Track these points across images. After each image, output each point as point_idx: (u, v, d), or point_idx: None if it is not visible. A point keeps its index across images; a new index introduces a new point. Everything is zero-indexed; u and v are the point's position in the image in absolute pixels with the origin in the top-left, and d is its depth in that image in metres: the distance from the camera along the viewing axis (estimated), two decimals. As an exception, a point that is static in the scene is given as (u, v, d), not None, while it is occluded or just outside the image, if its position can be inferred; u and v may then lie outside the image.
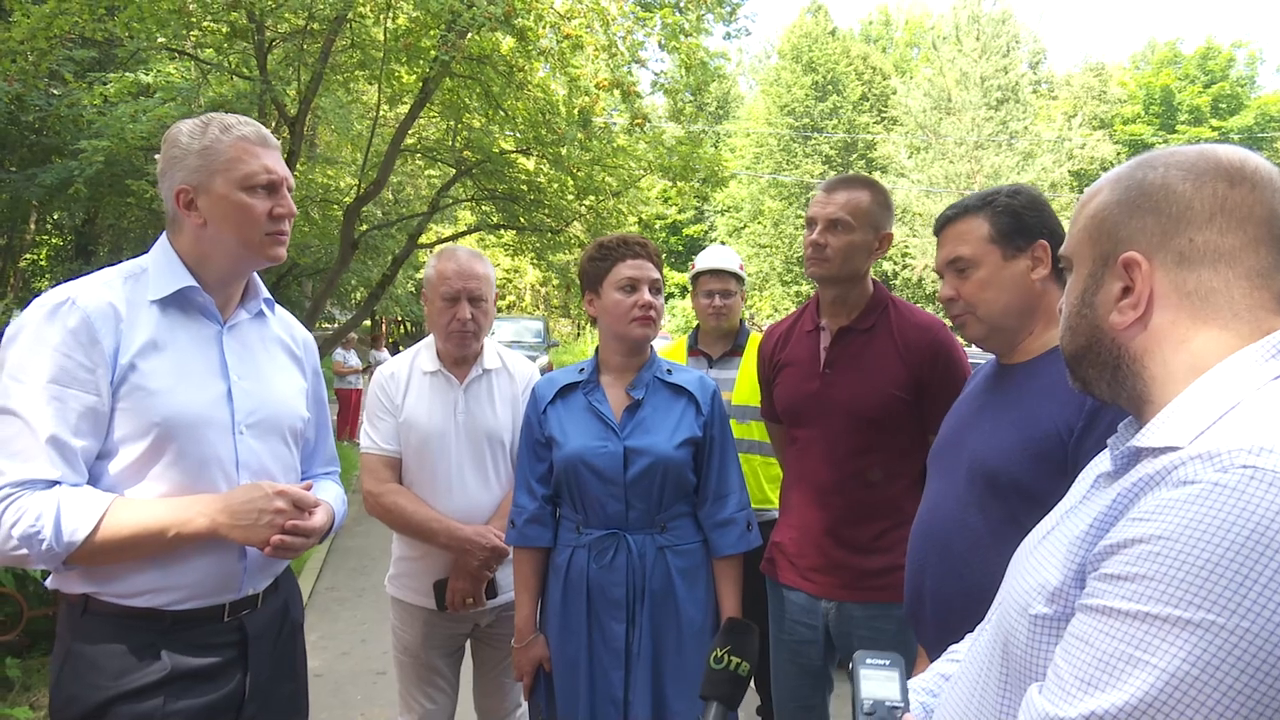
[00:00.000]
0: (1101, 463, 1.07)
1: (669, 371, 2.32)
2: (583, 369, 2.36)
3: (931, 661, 1.82)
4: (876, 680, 0.89)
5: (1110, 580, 0.81)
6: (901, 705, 0.86)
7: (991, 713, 0.98)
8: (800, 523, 2.42)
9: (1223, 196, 0.93)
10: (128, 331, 1.63)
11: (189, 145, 1.70)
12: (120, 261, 1.77)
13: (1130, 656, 0.76)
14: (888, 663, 0.90)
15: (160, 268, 1.72)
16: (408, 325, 33.02)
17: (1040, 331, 1.82)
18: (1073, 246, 1.04)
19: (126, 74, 8.84)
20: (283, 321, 1.97)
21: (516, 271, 34.25)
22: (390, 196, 16.53)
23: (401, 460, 2.61)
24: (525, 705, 2.81)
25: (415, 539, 2.59)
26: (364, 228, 11.53)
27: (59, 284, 1.65)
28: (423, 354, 2.68)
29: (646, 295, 2.25)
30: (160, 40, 9.21)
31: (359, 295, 19.33)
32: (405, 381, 2.64)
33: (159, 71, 9.52)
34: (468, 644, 2.81)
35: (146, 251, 1.78)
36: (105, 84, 8.82)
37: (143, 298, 1.69)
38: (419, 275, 25.49)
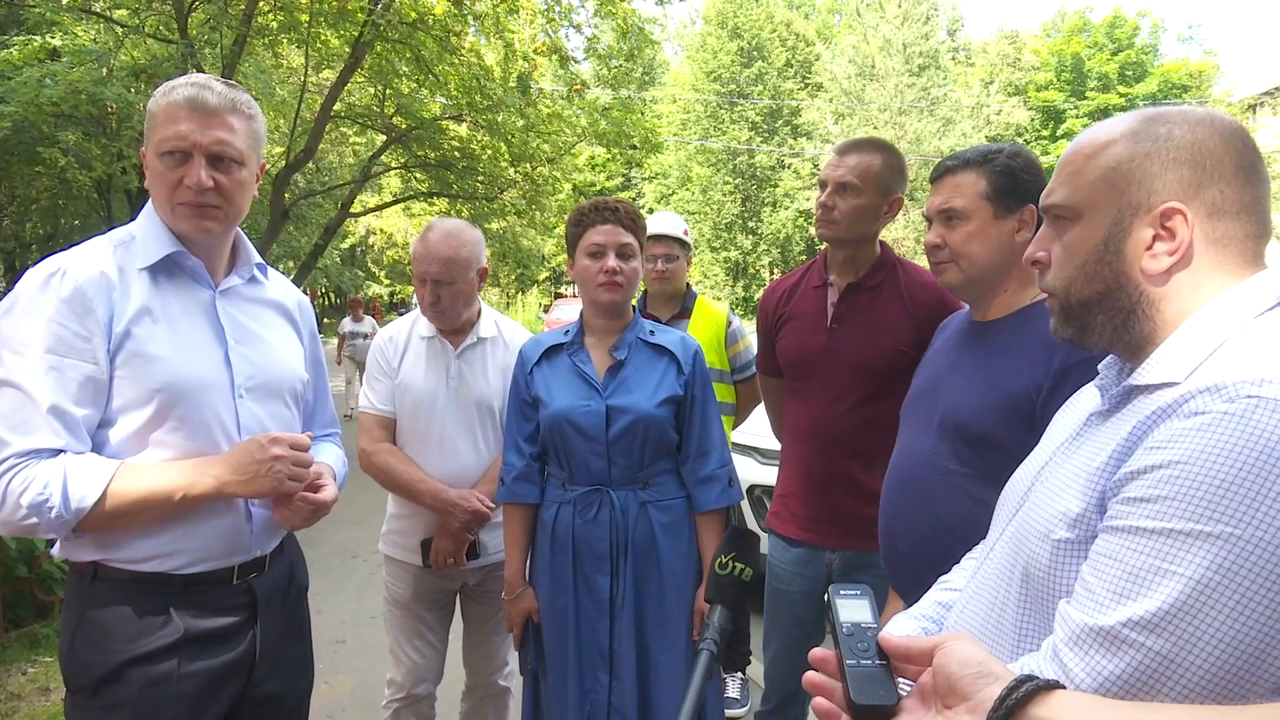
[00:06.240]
0: (1088, 402, 1.16)
1: (651, 333, 2.38)
2: (568, 331, 2.41)
3: (905, 601, 1.93)
4: (852, 607, 0.98)
5: (1133, 503, 0.90)
6: (875, 626, 0.95)
7: (1011, 629, 1.07)
8: (803, 474, 2.49)
9: (1245, 154, 1.03)
10: (121, 299, 1.62)
11: (148, 107, 1.68)
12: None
13: (1158, 568, 0.85)
14: (859, 592, 0.99)
15: (147, 234, 1.71)
16: (331, 296, 32.31)
17: (1014, 290, 1.90)
18: (1082, 197, 1.08)
19: (33, 37, 8.40)
20: (277, 285, 1.96)
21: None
22: (312, 165, 16.11)
23: (396, 421, 2.67)
24: (513, 663, 2.86)
25: (403, 497, 2.67)
26: (288, 197, 11.24)
27: None
28: (421, 320, 2.73)
29: (611, 261, 2.28)
30: (66, 1, 8.76)
31: (285, 267, 18.84)
32: (403, 345, 2.70)
33: (66, 33, 9.06)
34: (458, 603, 2.87)
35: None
36: (9, 48, 8.35)
37: (133, 265, 1.67)
38: (344, 245, 24.98)
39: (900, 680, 0.91)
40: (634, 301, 3.80)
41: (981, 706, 0.79)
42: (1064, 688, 0.79)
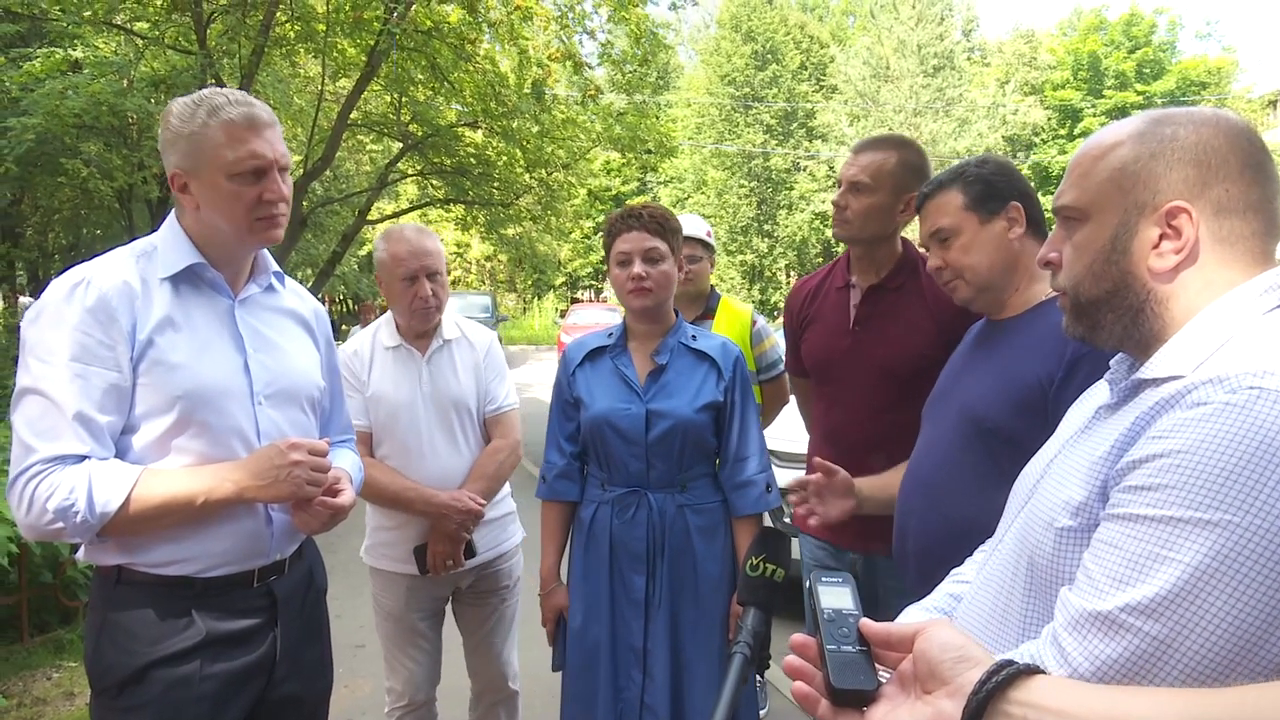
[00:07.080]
0: (1098, 396, 1.18)
1: (693, 338, 2.39)
2: (611, 334, 2.44)
3: (914, 596, 1.94)
4: (833, 593, 0.98)
5: (1134, 491, 0.91)
6: (856, 613, 0.95)
7: (1017, 617, 1.09)
8: None
9: (1252, 153, 1.04)
10: (143, 308, 1.66)
11: (179, 129, 1.69)
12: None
13: (1157, 555, 0.86)
14: (840, 579, 1.00)
15: (169, 245, 1.75)
16: (349, 303, 32.53)
17: (1025, 287, 1.93)
18: (1090, 198, 1.10)
19: (55, 50, 8.52)
20: (294, 293, 1.99)
21: (467, 246, 33.82)
22: (329, 173, 16.26)
23: (371, 434, 2.66)
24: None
25: (392, 508, 2.65)
26: (305, 205, 11.35)
27: None
28: (383, 330, 2.74)
29: (636, 268, 2.30)
30: (87, 14, 8.89)
31: (302, 274, 18.99)
32: (369, 358, 2.70)
33: (87, 45, 9.19)
34: (448, 609, 2.88)
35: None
36: (31, 60, 8.49)
37: (155, 275, 1.71)
38: (361, 252, 25.14)
39: (880, 670, 0.92)
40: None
41: (961, 691, 0.80)
42: (1044, 672, 0.80)
